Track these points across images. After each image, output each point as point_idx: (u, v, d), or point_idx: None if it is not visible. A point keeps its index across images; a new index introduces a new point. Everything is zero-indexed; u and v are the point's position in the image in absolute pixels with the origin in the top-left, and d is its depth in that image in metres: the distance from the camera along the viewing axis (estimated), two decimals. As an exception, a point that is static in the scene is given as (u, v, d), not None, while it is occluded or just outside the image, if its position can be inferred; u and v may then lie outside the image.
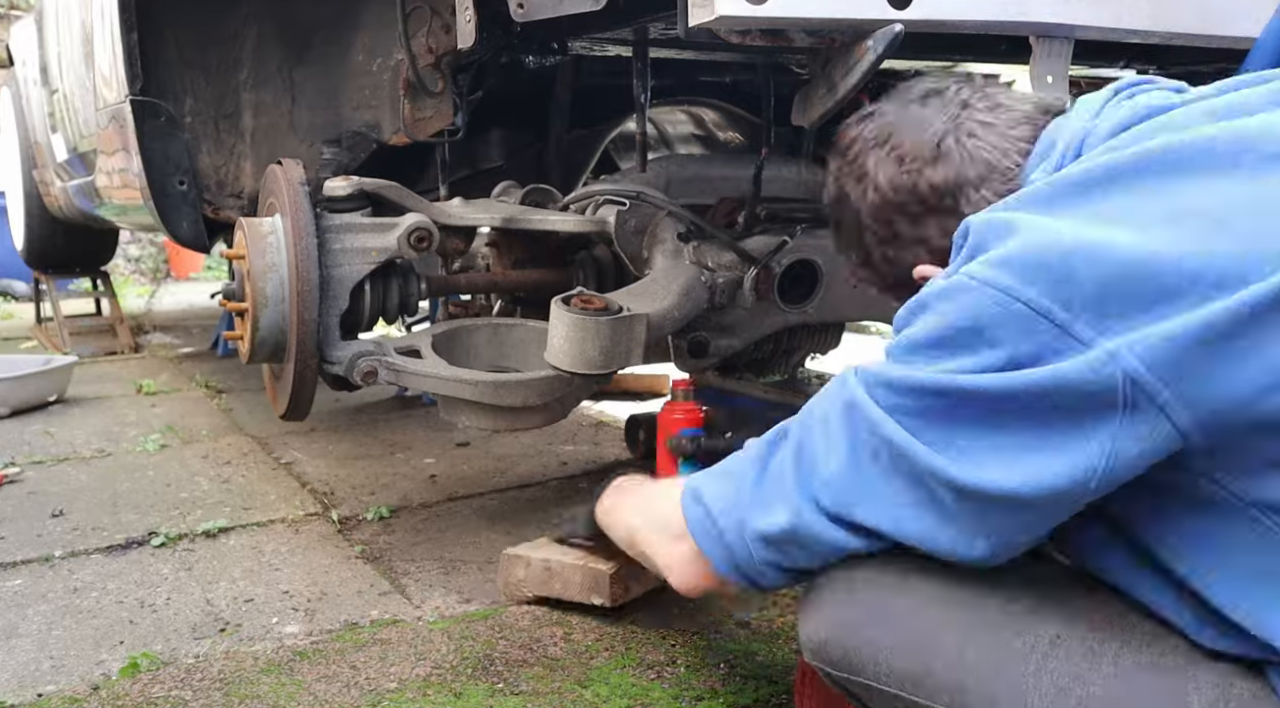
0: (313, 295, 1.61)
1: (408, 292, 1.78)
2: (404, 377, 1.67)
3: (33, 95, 3.91)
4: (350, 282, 1.67)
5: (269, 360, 1.75)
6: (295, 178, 1.66)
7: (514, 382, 1.64)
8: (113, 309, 4.42)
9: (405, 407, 3.08)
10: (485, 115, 2.24)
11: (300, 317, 1.61)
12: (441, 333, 1.77)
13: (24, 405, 3.04)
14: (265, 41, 2.20)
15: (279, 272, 1.63)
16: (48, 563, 1.83)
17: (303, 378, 1.66)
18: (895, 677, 0.89)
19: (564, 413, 1.79)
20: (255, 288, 1.64)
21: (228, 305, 1.72)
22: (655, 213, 1.81)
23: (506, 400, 1.64)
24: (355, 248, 1.67)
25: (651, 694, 1.33)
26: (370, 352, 1.66)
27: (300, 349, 1.63)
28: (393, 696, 1.33)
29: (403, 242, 1.67)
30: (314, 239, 1.61)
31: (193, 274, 7.55)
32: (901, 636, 0.89)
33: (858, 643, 0.91)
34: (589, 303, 1.54)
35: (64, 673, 1.42)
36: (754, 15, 1.13)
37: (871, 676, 0.91)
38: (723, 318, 1.84)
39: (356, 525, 2.01)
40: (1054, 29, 1.28)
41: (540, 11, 1.41)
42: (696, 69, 2.27)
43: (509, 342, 1.82)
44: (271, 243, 1.65)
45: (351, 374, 1.65)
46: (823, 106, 1.30)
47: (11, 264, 5.72)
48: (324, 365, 1.66)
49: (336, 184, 1.71)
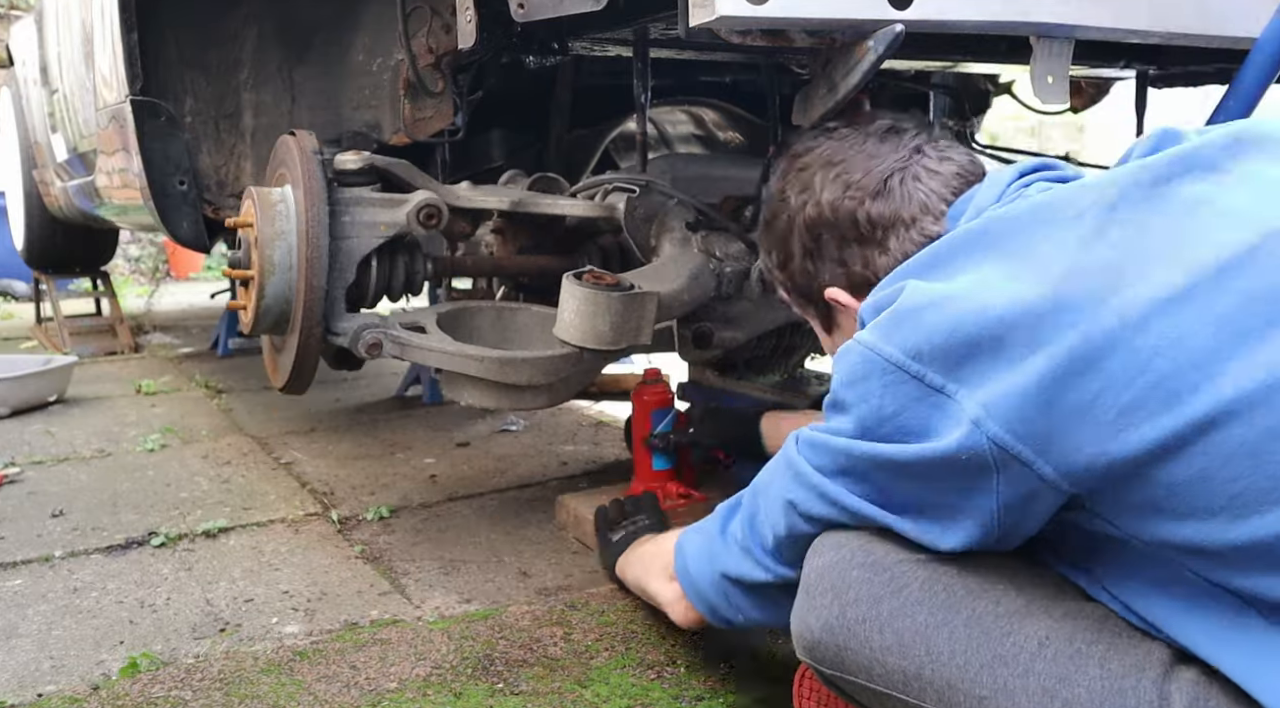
0: (321, 262, 1.59)
1: (413, 270, 1.77)
2: (409, 350, 1.65)
3: (33, 95, 3.91)
4: (358, 255, 1.65)
5: (271, 331, 1.74)
6: (309, 146, 1.65)
7: (520, 359, 1.63)
8: (113, 309, 4.42)
9: (405, 407, 3.08)
10: (485, 115, 2.25)
11: (308, 283, 1.59)
12: (446, 312, 1.76)
13: (24, 405, 3.04)
14: (265, 41, 2.20)
15: (287, 239, 1.62)
16: (48, 563, 1.83)
17: (307, 347, 1.64)
18: (886, 676, 0.91)
19: (567, 395, 1.78)
20: (262, 255, 1.62)
21: (231, 274, 1.71)
22: (664, 201, 1.82)
23: (512, 378, 1.62)
24: (364, 221, 1.65)
25: (651, 694, 1.33)
26: (375, 324, 1.64)
27: (306, 318, 1.60)
28: (393, 696, 1.33)
29: (412, 218, 1.66)
30: (325, 206, 1.59)
31: (193, 274, 7.56)
32: (893, 636, 0.91)
33: (850, 643, 0.93)
34: (600, 279, 1.55)
35: (64, 673, 1.42)
36: (754, 15, 1.13)
37: (864, 675, 0.93)
38: (728, 309, 1.85)
39: (356, 526, 2.01)
40: (1054, 29, 1.28)
41: (540, 11, 1.41)
42: (697, 69, 2.27)
43: (513, 325, 1.82)
44: (281, 211, 1.63)
45: (356, 346, 1.63)
46: (823, 106, 1.30)
47: (11, 264, 5.72)
48: (328, 336, 1.65)
49: (347, 157, 1.71)
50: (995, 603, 0.89)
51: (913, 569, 0.92)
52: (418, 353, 1.65)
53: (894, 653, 0.90)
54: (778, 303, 1.87)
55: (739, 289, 1.81)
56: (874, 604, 0.92)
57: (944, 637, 0.88)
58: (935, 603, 0.90)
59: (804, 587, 0.98)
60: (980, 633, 0.87)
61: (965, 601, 0.90)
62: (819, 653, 0.96)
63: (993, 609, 0.88)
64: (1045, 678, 0.83)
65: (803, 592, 0.99)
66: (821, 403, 0.99)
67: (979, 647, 0.87)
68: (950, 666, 0.87)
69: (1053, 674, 0.83)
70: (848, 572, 0.94)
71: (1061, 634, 0.85)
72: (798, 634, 0.98)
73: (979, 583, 0.90)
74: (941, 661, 0.88)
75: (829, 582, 0.95)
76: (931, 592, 0.91)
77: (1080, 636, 0.84)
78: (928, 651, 0.88)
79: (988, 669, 0.85)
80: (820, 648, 0.95)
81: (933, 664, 0.88)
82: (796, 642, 0.99)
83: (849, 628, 0.93)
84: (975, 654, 0.86)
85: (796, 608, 0.99)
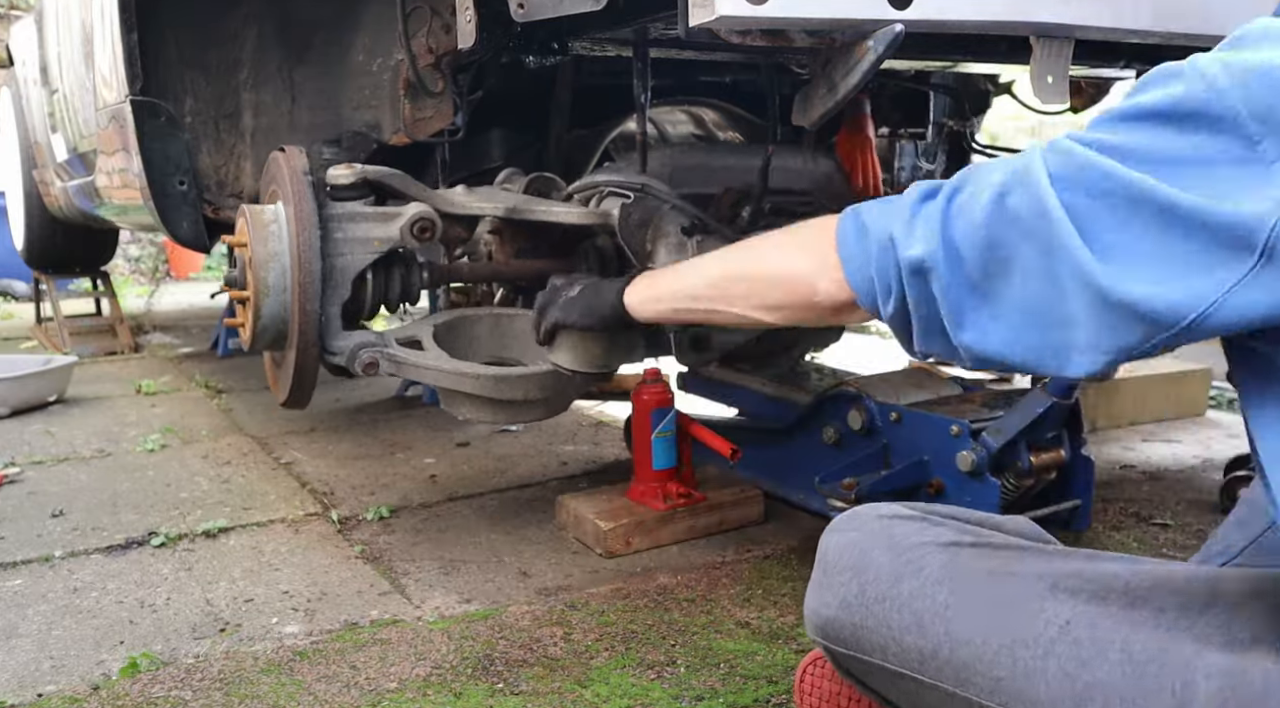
0: (314, 287, 1.60)
1: (410, 281, 1.78)
2: (405, 368, 1.66)
3: (33, 95, 3.91)
4: (352, 271, 1.66)
5: (270, 348, 1.75)
6: (298, 166, 1.66)
7: (515, 376, 1.64)
8: (113, 309, 4.42)
9: (405, 407, 3.08)
10: (485, 115, 2.24)
11: (302, 308, 1.60)
12: (443, 323, 1.77)
13: (24, 405, 3.04)
14: (265, 41, 2.20)
15: (281, 260, 1.63)
16: (48, 563, 1.83)
17: (304, 368, 1.66)
18: (903, 655, 0.90)
19: (564, 406, 1.79)
20: (257, 276, 1.63)
21: (230, 293, 1.72)
22: (659, 206, 1.81)
23: (508, 394, 1.64)
24: (358, 237, 1.66)
25: (651, 694, 1.33)
26: (372, 343, 1.66)
27: (302, 340, 1.62)
28: (393, 696, 1.33)
29: (405, 232, 1.66)
30: (316, 230, 1.60)
31: (192, 274, 7.55)
32: (912, 615, 0.90)
33: (868, 621, 0.92)
34: None
35: (64, 673, 1.42)
36: (754, 15, 1.13)
37: (880, 654, 0.92)
38: None
39: (356, 526, 2.01)
40: (1054, 29, 1.28)
41: (540, 11, 1.41)
42: (697, 69, 2.27)
43: (510, 332, 1.82)
44: (274, 231, 1.64)
45: (353, 365, 1.64)
46: (823, 106, 1.29)
47: (11, 264, 5.72)
48: (325, 356, 1.66)
49: (340, 172, 1.71)
50: (1016, 587, 0.88)
51: (934, 552, 0.92)
52: (414, 371, 1.66)
53: (912, 633, 0.90)
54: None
55: None
56: (894, 583, 0.91)
57: (964, 618, 0.88)
58: (956, 585, 0.90)
59: (821, 565, 0.98)
60: (1001, 615, 0.87)
61: (986, 583, 0.89)
62: (834, 631, 0.95)
63: (1014, 593, 0.88)
64: (1066, 661, 0.82)
65: (820, 570, 0.98)
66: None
67: (999, 629, 0.86)
68: (969, 646, 0.87)
69: (1074, 658, 0.82)
70: (869, 551, 0.94)
71: (1084, 619, 0.84)
72: (813, 612, 0.98)
73: (1000, 567, 0.90)
74: (960, 641, 0.87)
75: (849, 560, 0.95)
76: (952, 574, 0.90)
77: (1104, 621, 0.83)
78: (947, 631, 0.88)
79: (1007, 651, 0.85)
80: (836, 625, 0.95)
81: (951, 644, 0.87)
82: (811, 620, 0.98)
83: (867, 606, 0.93)
84: (995, 636, 0.86)
85: (813, 586, 0.98)
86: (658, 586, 1.68)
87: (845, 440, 1.90)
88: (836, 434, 1.91)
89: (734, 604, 1.60)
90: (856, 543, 0.96)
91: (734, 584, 1.68)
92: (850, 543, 0.97)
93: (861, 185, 2.30)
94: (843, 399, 1.91)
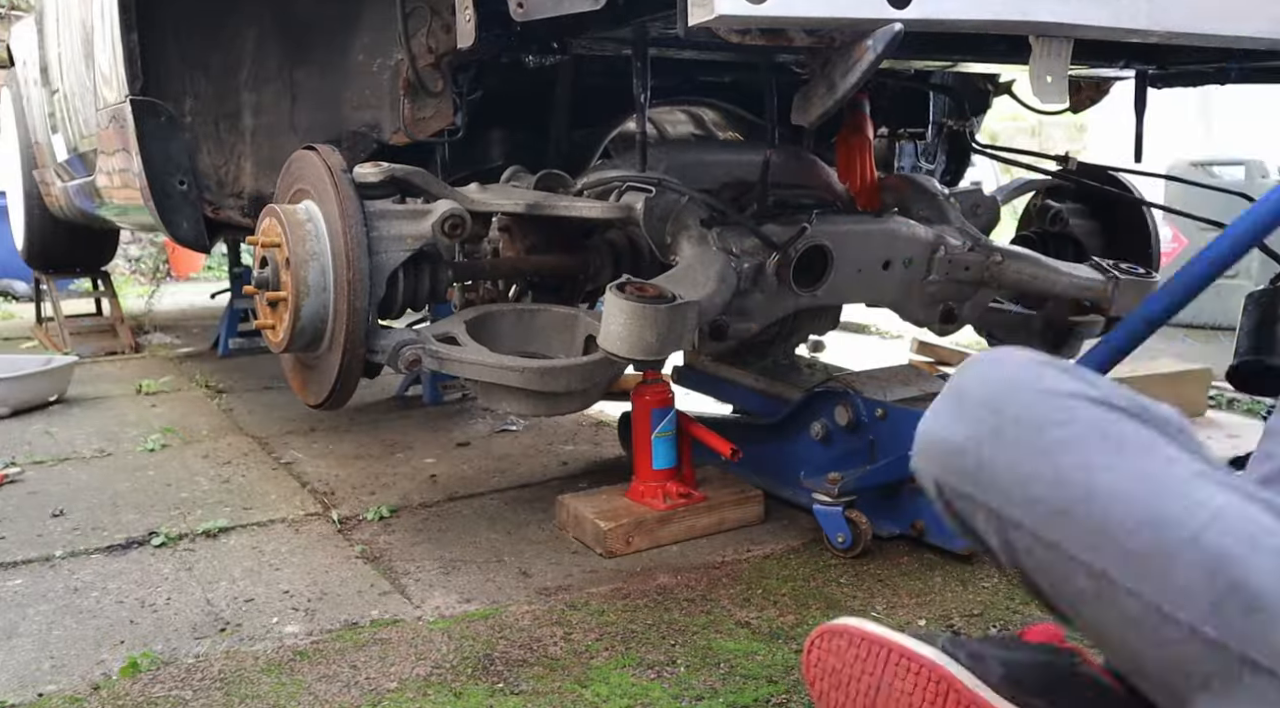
0: (364, 284, 1.59)
1: (438, 278, 1.78)
2: (448, 364, 1.66)
3: (33, 95, 3.91)
4: (388, 270, 1.66)
5: (304, 350, 1.74)
6: (337, 164, 1.65)
7: (560, 367, 1.65)
8: (113, 309, 4.42)
9: (405, 407, 3.08)
10: (485, 115, 2.24)
11: (351, 306, 1.59)
12: (473, 318, 1.77)
13: (24, 405, 3.05)
14: (265, 41, 2.20)
15: (320, 260, 1.62)
16: (48, 563, 1.83)
17: (349, 368, 1.65)
18: (1029, 505, 0.83)
19: (597, 398, 1.81)
20: (296, 277, 1.62)
21: (262, 294, 1.71)
22: (677, 199, 1.84)
23: (551, 386, 1.64)
24: (392, 235, 1.65)
25: (651, 694, 1.33)
26: (412, 340, 1.66)
27: (349, 339, 1.61)
28: (393, 695, 1.33)
29: (437, 228, 1.66)
30: (363, 227, 1.59)
31: (193, 274, 7.55)
32: (1050, 467, 0.82)
33: (998, 459, 0.85)
34: (643, 290, 1.56)
35: (64, 673, 1.42)
36: (754, 15, 1.13)
37: (1000, 498, 0.85)
38: (743, 302, 1.87)
39: (356, 525, 2.01)
40: (1054, 29, 1.28)
41: (540, 11, 1.41)
42: (696, 69, 2.27)
43: (534, 327, 1.84)
44: (310, 230, 1.63)
45: (396, 363, 1.64)
46: (822, 106, 1.30)
47: (11, 264, 5.72)
48: (367, 354, 1.66)
49: (367, 170, 1.71)
50: (1169, 462, 0.81)
51: (1085, 406, 0.84)
52: (457, 366, 1.66)
53: (1046, 483, 0.82)
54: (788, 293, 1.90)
55: (754, 283, 1.84)
56: (1037, 430, 0.84)
57: (1109, 481, 0.80)
58: (1106, 444, 0.82)
59: (955, 392, 0.90)
60: (1150, 488, 0.80)
61: (1138, 451, 0.81)
62: (954, 461, 0.87)
63: (1166, 469, 0.81)
64: (1213, 551, 0.75)
65: (953, 397, 0.90)
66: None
67: (1146, 501, 0.79)
68: (1110, 512, 0.80)
69: (1222, 549, 0.75)
70: (1014, 391, 0.86)
71: (1236, 511, 0.77)
72: (933, 436, 0.90)
73: (1151, 439, 0.82)
74: (1100, 503, 0.80)
75: (989, 393, 0.87)
76: (1102, 431, 0.82)
77: (1259, 518, 0.76)
78: (1088, 491, 0.80)
79: (1149, 527, 0.78)
80: (959, 456, 0.87)
81: (1088, 505, 0.80)
82: (929, 444, 0.90)
83: (1002, 445, 0.84)
84: (1139, 507, 0.78)
85: (937, 409, 0.90)
86: (658, 585, 1.68)
87: (832, 436, 1.91)
88: (824, 430, 1.92)
89: (734, 604, 1.60)
90: (1001, 379, 0.88)
91: (734, 584, 1.68)
92: (994, 377, 0.88)
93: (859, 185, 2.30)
94: (830, 395, 1.92)
